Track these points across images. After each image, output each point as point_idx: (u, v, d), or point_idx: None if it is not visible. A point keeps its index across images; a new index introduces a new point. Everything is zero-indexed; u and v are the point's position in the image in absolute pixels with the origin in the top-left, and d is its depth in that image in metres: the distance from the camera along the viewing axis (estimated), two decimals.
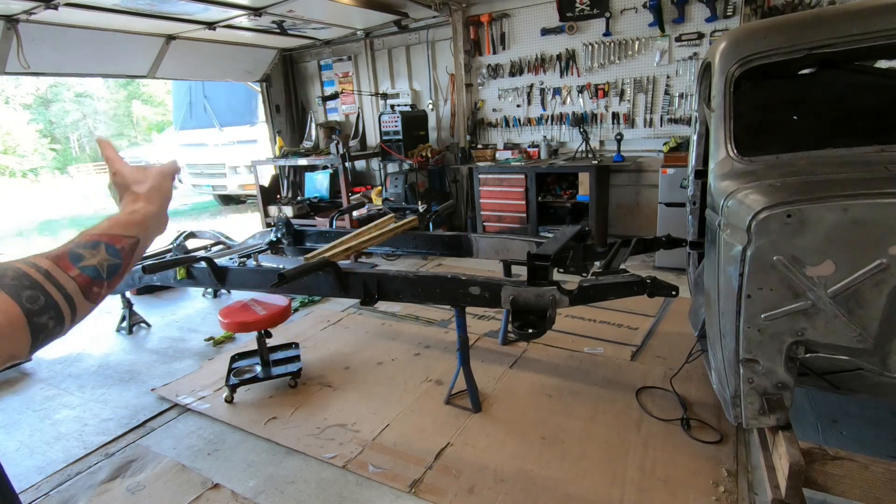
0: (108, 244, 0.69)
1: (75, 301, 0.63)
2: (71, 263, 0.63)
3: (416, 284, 2.56)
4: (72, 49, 4.75)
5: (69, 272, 0.63)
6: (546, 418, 2.57)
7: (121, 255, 0.70)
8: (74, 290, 0.63)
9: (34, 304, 0.58)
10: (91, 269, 0.65)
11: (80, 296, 0.63)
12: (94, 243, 0.67)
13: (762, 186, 1.56)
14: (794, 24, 1.90)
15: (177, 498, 2.19)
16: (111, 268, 0.68)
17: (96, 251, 0.67)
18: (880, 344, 1.37)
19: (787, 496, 1.40)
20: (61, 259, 0.63)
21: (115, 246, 0.69)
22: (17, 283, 0.57)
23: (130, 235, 0.73)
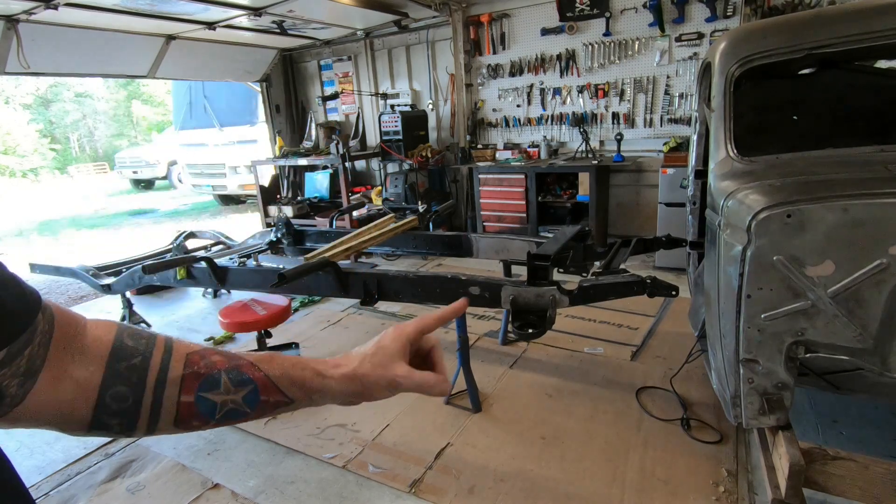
0: (256, 389, 0.56)
1: (160, 424, 0.53)
2: (196, 387, 0.54)
3: (416, 284, 2.56)
4: (72, 49, 4.75)
5: (184, 394, 0.53)
6: (546, 418, 2.57)
7: (255, 407, 0.57)
8: (168, 414, 0.53)
9: (116, 402, 0.50)
10: (207, 405, 0.54)
11: (168, 421, 0.53)
12: (245, 380, 0.56)
13: (762, 186, 1.56)
14: (793, 24, 1.90)
15: (177, 498, 2.19)
16: (232, 413, 0.56)
17: (237, 390, 0.55)
18: (880, 344, 1.37)
19: (787, 496, 1.40)
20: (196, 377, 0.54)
21: (261, 397, 0.57)
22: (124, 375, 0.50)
23: (288, 397, 0.59)
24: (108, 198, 14.45)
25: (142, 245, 6.10)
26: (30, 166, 21.07)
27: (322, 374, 0.60)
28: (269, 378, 0.57)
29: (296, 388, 0.59)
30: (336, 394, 0.61)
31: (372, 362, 0.61)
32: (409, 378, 0.62)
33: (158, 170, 13.92)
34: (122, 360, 0.51)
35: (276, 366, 0.58)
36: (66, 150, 23.89)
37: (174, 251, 4.21)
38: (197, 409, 0.54)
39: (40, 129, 22.15)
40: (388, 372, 0.61)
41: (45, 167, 21.72)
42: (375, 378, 0.61)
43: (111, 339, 0.52)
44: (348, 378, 0.60)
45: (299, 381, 0.59)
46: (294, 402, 0.60)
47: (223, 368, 0.55)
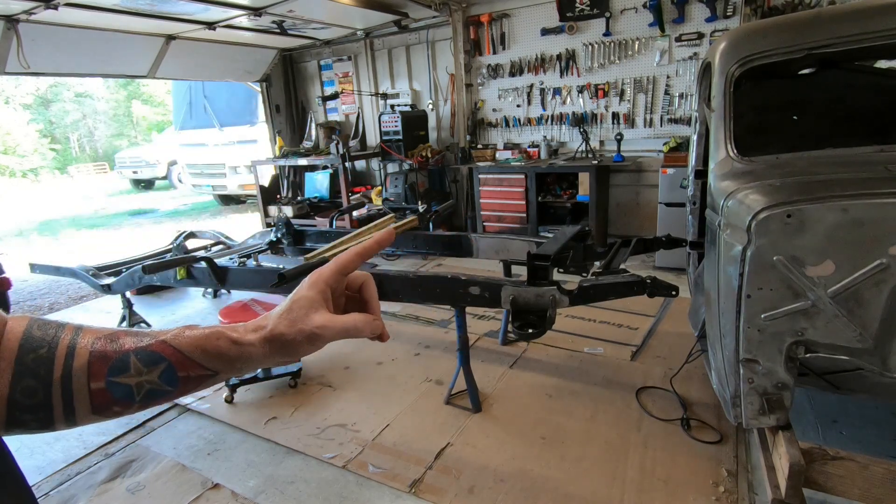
0: (171, 365, 0.53)
1: (77, 415, 0.51)
2: (105, 372, 0.51)
3: (416, 284, 2.56)
4: (72, 49, 4.76)
5: (94, 382, 0.51)
6: (546, 418, 2.57)
7: (177, 384, 0.54)
8: (83, 404, 0.51)
9: (27, 397, 0.48)
10: (122, 389, 0.52)
11: (86, 410, 0.51)
12: (157, 358, 0.53)
13: (762, 186, 1.56)
14: (793, 24, 1.90)
15: (177, 498, 2.19)
16: (152, 393, 0.53)
17: (149, 370, 0.53)
18: (880, 344, 1.37)
19: (787, 496, 1.40)
20: (103, 360, 0.51)
21: (179, 374, 0.54)
22: (31, 367, 0.49)
23: (208, 369, 0.55)
24: (108, 198, 14.44)
25: (142, 245, 6.10)
26: (30, 166, 21.07)
27: (238, 341, 0.55)
28: (181, 353, 0.54)
29: (214, 360, 0.55)
30: (260, 358, 0.56)
31: (288, 318, 0.56)
32: (329, 327, 0.56)
33: (158, 170, 13.92)
34: (30, 353, 0.49)
35: (187, 339, 0.54)
36: (66, 150, 23.89)
37: (174, 251, 4.21)
38: (112, 394, 0.52)
39: (40, 129, 22.14)
40: (305, 325, 0.56)
41: (45, 167, 21.71)
42: (293, 335, 0.56)
43: (21, 332, 0.50)
44: (267, 340, 0.56)
45: (215, 352, 0.55)
46: (217, 372, 0.56)
47: (132, 350, 0.53)
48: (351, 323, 0.58)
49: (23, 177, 20.59)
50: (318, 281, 0.58)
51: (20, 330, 0.50)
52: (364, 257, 0.62)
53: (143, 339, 0.54)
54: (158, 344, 0.53)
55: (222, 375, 0.57)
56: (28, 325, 0.51)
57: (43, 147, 21.90)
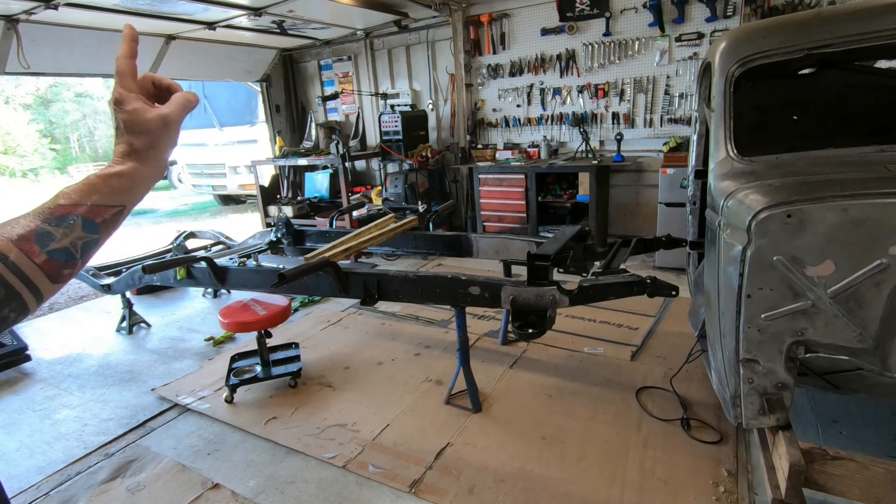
0: (85, 218, 0.59)
1: (41, 289, 0.57)
2: (38, 247, 0.56)
3: (416, 284, 2.56)
4: (72, 49, 4.76)
5: (34, 258, 0.56)
6: (546, 418, 2.57)
7: (99, 229, 0.61)
8: (39, 278, 0.56)
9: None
10: (62, 252, 0.57)
11: (45, 283, 0.57)
12: (69, 218, 0.58)
13: (762, 186, 1.56)
14: (794, 24, 1.90)
15: (177, 498, 2.19)
16: (86, 245, 0.60)
17: (70, 229, 0.58)
18: (880, 344, 1.37)
19: (787, 496, 1.40)
20: (26, 241, 0.56)
21: (95, 221, 0.60)
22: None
23: (114, 205, 0.62)
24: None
25: (142, 245, 6.10)
26: (30, 166, 21.05)
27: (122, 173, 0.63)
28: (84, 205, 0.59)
29: (115, 195, 0.62)
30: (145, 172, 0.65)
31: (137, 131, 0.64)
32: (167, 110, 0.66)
33: None
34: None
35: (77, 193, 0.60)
36: (66, 150, 23.88)
37: (174, 251, 4.21)
38: (57, 261, 0.57)
39: (40, 129, 22.14)
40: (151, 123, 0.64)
41: (46, 167, 21.70)
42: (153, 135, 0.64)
43: None
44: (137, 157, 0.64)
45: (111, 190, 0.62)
46: (125, 206, 0.64)
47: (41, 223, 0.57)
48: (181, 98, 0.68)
49: (23, 177, 20.58)
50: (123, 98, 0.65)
51: None
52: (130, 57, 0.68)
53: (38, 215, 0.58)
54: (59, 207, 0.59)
55: (129, 206, 0.65)
56: None
57: (43, 147, 21.89)
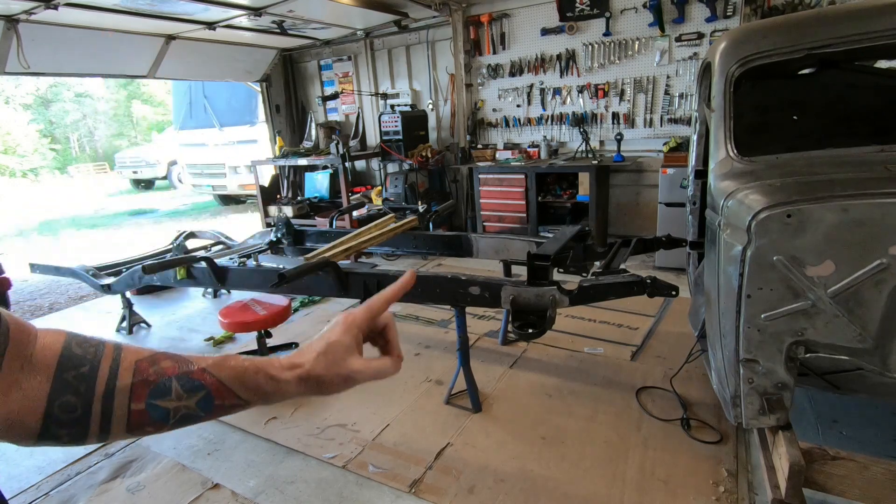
0: (209, 393, 0.56)
1: (111, 432, 0.52)
2: (147, 395, 0.53)
3: (416, 284, 2.55)
4: (72, 49, 4.76)
5: (134, 403, 0.52)
6: (546, 418, 2.57)
7: (210, 411, 0.57)
8: (119, 423, 0.52)
9: (65, 412, 0.49)
10: (160, 412, 0.54)
11: (121, 429, 0.53)
12: (198, 385, 0.55)
13: (762, 186, 1.56)
14: (794, 24, 1.90)
15: (177, 498, 2.19)
16: (186, 417, 0.56)
17: (189, 396, 0.55)
18: (880, 344, 1.37)
19: (787, 496, 1.40)
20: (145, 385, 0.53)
21: (215, 401, 0.56)
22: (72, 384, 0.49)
23: (242, 399, 0.58)
24: (108, 198, 14.44)
25: (142, 245, 6.10)
26: (30, 166, 21.06)
27: (276, 378, 0.59)
28: (221, 383, 0.56)
29: (250, 392, 0.58)
30: (292, 394, 0.61)
31: (326, 361, 0.60)
32: (364, 372, 0.62)
33: (158, 170, 13.93)
34: (70, 370, 0.50)
35: (228, 370, 0.57)
36: (66, 150, 23.88)
37: (174, 251, 4.21)
38: (149, 416, 0.53)
39: (40, 129, 22.14)
40: (342, 369, 0.60)
41: (45, 167, 21.70)
42: (331, 377, 0.60)
43: (59, 349, 0.51)
44: (303, 380, 0.60)
45: (253, 386, 0.58)
46: (249, 403, 0.59)
47: (174, 375, 0.54)
48: (382, 368, 0.64)
49: (23, 177, 20.59)
50: (352, 326, 0.63)
51: (58, 346, 0.51)
52: (391, 302, 0.67)
53: (183, 364, 0.56)
54: (199, 372, 0.56)
55: (252, 405, 0.60)
56: (66, 340, 0.52)
57: (43, 147, 21.89)
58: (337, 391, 0.62)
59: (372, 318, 0.65)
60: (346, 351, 0.61)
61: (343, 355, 0.61)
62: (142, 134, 24.77)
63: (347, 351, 0.61)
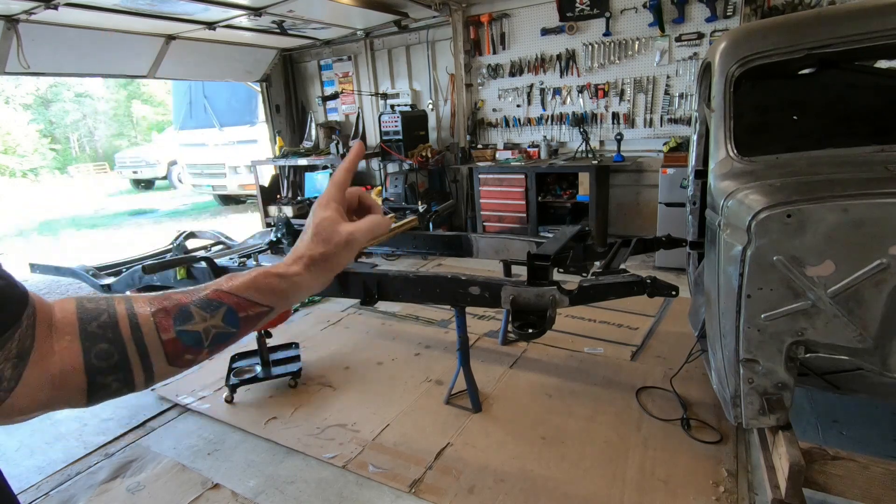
0: (231, 308, 0.57)
1: (154, 368, 0.54)
2: (172, 323, 0.54)
3: (416, 284, 2.56)
4: (72, 49, 4.76)
5: (163, 333, 0.54)
6: (546, 418, 2.57)
7: (240, 324, 0.58)
8: (158, 355, 0.54)
9: (103, 360, 0.51)
10: (192, 336, 0.55)
11: (162, 362, 0.54)
12: (216, 304, 0.57)
13: (762, 186, 1.56)
14: (794, 24, 1.90)
15: (177, 498, 2.19)
16: (219, 336, 0.57)
17: (212, 315, 0.56)
18: (880, 344, 1.37)
19: (787, 496, 1.40)
20: (165, 314, 0.54)
21: (239, 314, 0.58)
22: (98, 333, 0.51)
23: (264, 305, 0.60)
24: (108, 198, 14.44)
25: (142, 245, 6.10)
26: (30, 166, 21.06)
27: (285, 275, 0.60)
28: (237, 296, 0.58)
29: (269, 296, 0.60)
30: (309, 283, 0.62)
31: (321, 238, 0.62)
32: (359, 230, 0.64)
33: (158, 170, 13.93)
34: (92, 321, 0.52)
35: (239, 284, 0.58)
36: (66, 150, 23.88)
37: (174, 251, 4.20)
38: (182, 343, 0.55)
39: (40, 129, 22.14)
40: (340, 237, 0.63)
41: (45, 167, 21.71)
42: (332, 249, 0.62)
43: (74, 308, 0.53)
44: (310, 265, 0.61)
45: (268, 289, 0.59)
46: (273, 307, 0.60)
47: (189, 302, 0.56)
48: (374, 221, 0.66)
49: (23, 177, 20.59)
50: (328, 201, 0.65)
51: (72, 307, 0.53)
52: (350, 171, 0.68)
53: (194, 293, 0.57)
54: (213, 292, 0.57)
55: (277, 309, 0.61)
56: (77, 301, 0.54)
57: (43, 147, 21.89)
58: (345, 262, 0.64)
59: (340, 188, 0.66)
60: (334, 222, 0.63)
61: (334, 227, 0.63)
62: (142, 134, 24.77)
63: (335, 222, 0.63)
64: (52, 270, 3.97)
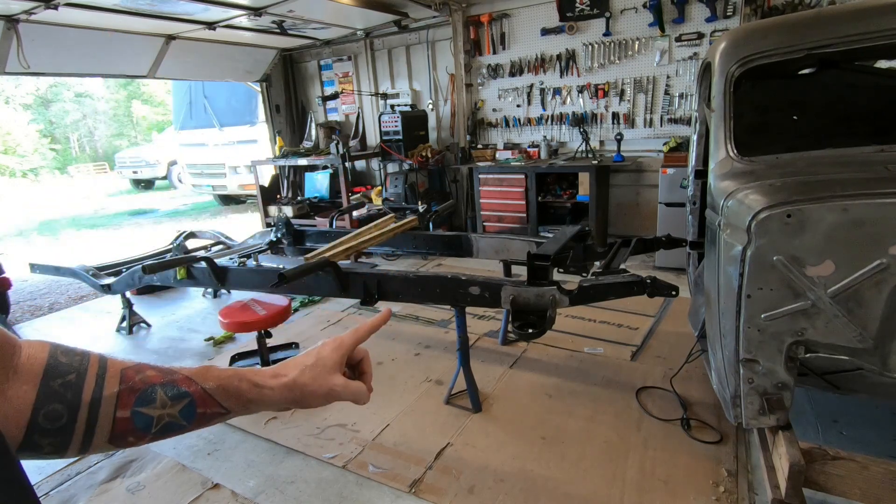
0: (193, 401, 0.56)
1: (93, 442, 0.52)
2: (132, 402, 0.53)
3: (416, 284, 2.56)
4: (72, 49, 4.76)
5: (120, 410, 0.52)
6: (546, 418, 2.57)
7: (192, 420, 0.57)
8: (103, 431, 0.52)
9: (48, 421, 0.48)
10: (144, 420, 0.54)
11: (104, 439, 0.52)
12: (181, 394, 0.56)
13: (762, 186, 1.56)
14: (794, 24, 1.90)
15: (177, 498, 2.19)
16: (167, 426, 0.56)
17: (173, 404, 0.55)
18: (880, 344, 1.37)
19: (787, 496, 1.40)
20: (129, 393, 0.53)
21: (198, 410, 0.57)
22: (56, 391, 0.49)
23: (224, 408, 0.59)
24: (108, 198, 14.44)
25: (142, 245, 6.10)
26: (30, 166, 21.06)
27: (259, 385, 0.61)
28: (205, 391, 0.58)
29: (232, 400, 0.60)
30: (274, 403, 0.63)
31: (312, 373, 0.63)
32: (345, 389, 0.65)
33: (158, 170, 13.92)
34: (57, 378, 0.50)
35: (212, 378, 0.59)
36: (66, 150, 23.88)
37: (174, 251, 4.21)
38: (133, 424, 0.54)
39: (40, 129, 22.14)
40: (326, 383, 0.64)
41: (45, 167, 21.70)
42: (315, 388, 0.63)
43: (45, 357, 0.50)
44: (288, 388, 0.62)
45: (235, 393, 0.60)
46: (230, 412, 0.61)
47: (158, 383, 0.55)
48: (360, 391, 0.67)
49: (23, 177, 20.58)
50: (341, 347, 0.67)
51: (44, 355, 0.51)
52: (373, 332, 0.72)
53: (168, 374, 0.57)
54: (184, 380, 0.57)
55: (233, 414, 0.61)
56: (51, 350, 0.52)
57: (43, 147, 21.89)
58: (318, 405, 0.65)
59: (355, 344, 0.69)
60: (332, 368, 0.65)
61: (329, 371, 0.64)
62: (142, 134, 24.77)
63: (333, 368, 0.65)
64: (51, 270, 3.98)
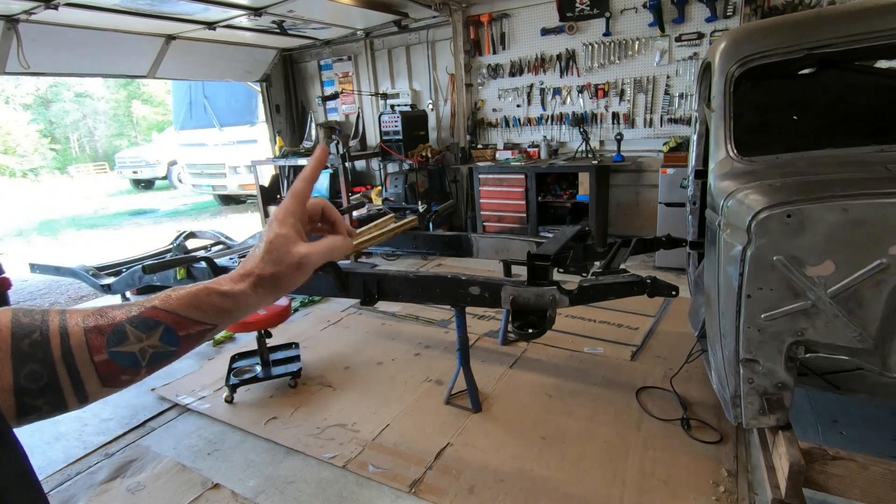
0: (169, 327, 0.55)
1: (87, 390, 0.52)
2: (106, 343, 0.52)
3: (416, 284, 2.56)
4: (72, 49, 4.76)
5: (96, 355, 0.51)
6: (546, 418, 2.57)
7: (179, 343, 0.56)
8: (91, 378, 0.51)
9: (32, 382, 0.48)
10: (126, 357, 0.53)
11: (96, 384, 0.52)
12: (153, 323, 0.54)
13: (762, 186, 1.56)
14: (794, 24, 1.90)
15: (177, 498, 2.19)
16: (157, 356, 0.55)
17: (148, 334, 0.54)
18: (880, 344, 1.37)
19: (787, 496, 1.40)
20: (99, 333, 0.52)
21: (179, 333, 0.55)
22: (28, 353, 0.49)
23: (206, 323, 0.57)
24: (108, 198, 14.44)
25: (142, 245, 6.10)
26: (30, 166, 21.06)
27: (229, 293, 0.57)
28: (176, 314, 0.55)
29: (209, 314, 0.57)
30: (254, 303, 0.59)
31: (272, 258, 0.59)
32: (314, 253, 0.61)
33: (158, 170, 13.93)
34: (24, 338, 0.49)
35: (177, 301, 0.56)
36: (66, 150, 23.88)
37: (174, 251, 4.21)
38: (117, 364, 0.52)
39: (40, 129, 22.14)
40: (291, 258, 0.60)
41: (45, 167, 21.70)
42: (282, 271, 0.59)
43: (8, 322, 0.50)
44: (256, 285, 0.59)
45: (210, 308, 0.57)
46: (216, 326, 0.58)
47: (124, 320, 0.53)
48: (332, 244, 0.63)
49: (23, 177, 20.58)
50: (286, 216, 0.61)
51: (6, 320, 0.50)
52: (311, 180, 0.64)
53: (131, 309, 0.54)
54: (149, 310, 0.54)
55: (221, 327, 0.59)
56: (13, 314, 0.51)
57: (43, 147, 21.89)
58: (295, 284, 0.61)
59: (300, 202, 0.63)
60: (288, 241, 0.60)
61: (287, 247, 0.60)
62: (142, 134, 24.77)
63: (289, 241, 0.60)
64: (51, 270, 3.97)
